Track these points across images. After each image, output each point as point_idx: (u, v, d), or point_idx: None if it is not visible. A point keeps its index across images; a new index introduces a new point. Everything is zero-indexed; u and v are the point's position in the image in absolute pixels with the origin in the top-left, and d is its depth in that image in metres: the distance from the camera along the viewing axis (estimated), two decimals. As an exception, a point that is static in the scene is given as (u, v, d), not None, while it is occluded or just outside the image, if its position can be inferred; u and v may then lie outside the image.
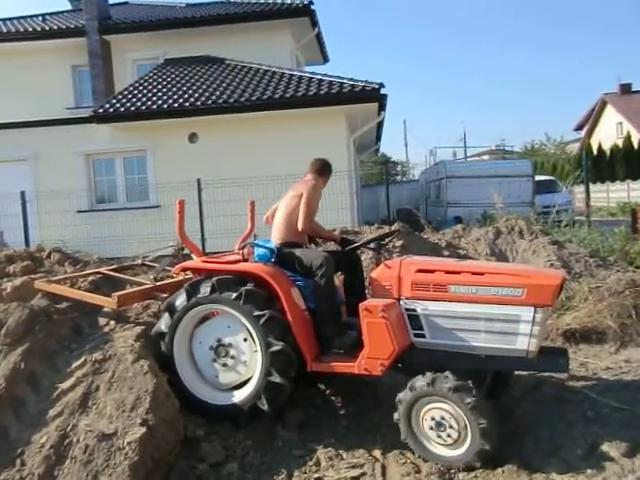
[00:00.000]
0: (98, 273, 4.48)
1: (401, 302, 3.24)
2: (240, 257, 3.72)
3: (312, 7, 13.63)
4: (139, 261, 4.93)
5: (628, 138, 28.13)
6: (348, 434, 3.46)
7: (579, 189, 16.92)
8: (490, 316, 3.06)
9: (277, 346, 3.26)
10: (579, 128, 37.44)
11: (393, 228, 6.70)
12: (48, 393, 3.25)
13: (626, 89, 33.52)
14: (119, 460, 2.80)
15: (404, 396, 3.07)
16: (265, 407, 3.32)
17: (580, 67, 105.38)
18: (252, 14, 13.67)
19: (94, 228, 10.53)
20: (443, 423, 2.98)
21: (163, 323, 3.54)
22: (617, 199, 22.71)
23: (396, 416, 3.12)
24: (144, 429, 2.91)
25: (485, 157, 41.20)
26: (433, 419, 3.01)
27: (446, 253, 6.22)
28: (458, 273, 3.18)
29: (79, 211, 11.29)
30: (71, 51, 14.08)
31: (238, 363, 3.44)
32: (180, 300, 3.50)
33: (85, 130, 11.45)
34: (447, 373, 2.99)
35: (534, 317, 2.97)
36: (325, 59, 17.81)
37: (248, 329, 3.38)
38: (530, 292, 2.97)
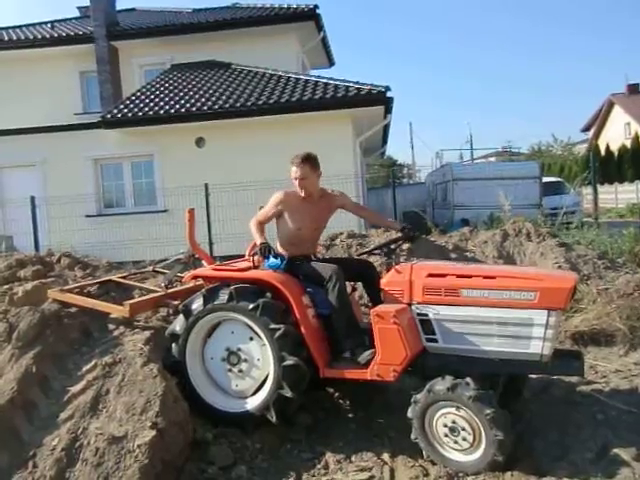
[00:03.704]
0: (110, 282, 4.51)
1: (413, 307, 3.21)
2: (250, 264, 3.71)
3: (317, 11, 13.71)
4: (150, 268, 4.97)
5: (636, 138, 27.88)
6: (357, 437, 3.47)
7: (587, 190, 16.84)
8: (503, 320, 3.03)
9: (290, 361, 3.26)
10: (586, 129, 37.21)
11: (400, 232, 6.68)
12: (59, 396, 3.28)
13: (634, 89, 33.28)
14: (129, 463, 2.83)
15: (421, 397, 3.04)
16: (273, 419, 3.34)
17: (587, 68, 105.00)
18: (258, 19, 13.75)
19: (102, 232, 10.60)
20: (457, 428, 2.96)
21: (178, 325, 3.56)
22: (626, 200, 22.43)
23: (410, 414, 3.09)
24: (154, 432, 2.93)
25: (492, 159, 41.04)
26: (447, 424, 2.98)
27: (453, 256, 6.20)
28: (470, 277, 3.16)
29: (87, 216, 11.37)
30: (79, 57, 14.21)
31: (252, 366, 3.45)
32: (197, 304, 3.51)
33: (93, 135, 11.55)
34: (468, 380, 2.94)
35: (547, 320, 2.93)
36: (331, 63, 17.86)
37: (254, 330, 3.39)
38: (543, 295, 2.93)
